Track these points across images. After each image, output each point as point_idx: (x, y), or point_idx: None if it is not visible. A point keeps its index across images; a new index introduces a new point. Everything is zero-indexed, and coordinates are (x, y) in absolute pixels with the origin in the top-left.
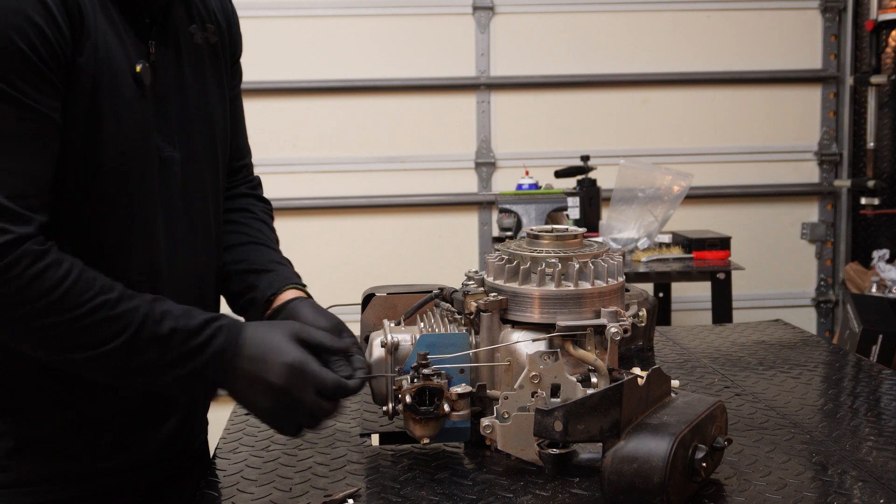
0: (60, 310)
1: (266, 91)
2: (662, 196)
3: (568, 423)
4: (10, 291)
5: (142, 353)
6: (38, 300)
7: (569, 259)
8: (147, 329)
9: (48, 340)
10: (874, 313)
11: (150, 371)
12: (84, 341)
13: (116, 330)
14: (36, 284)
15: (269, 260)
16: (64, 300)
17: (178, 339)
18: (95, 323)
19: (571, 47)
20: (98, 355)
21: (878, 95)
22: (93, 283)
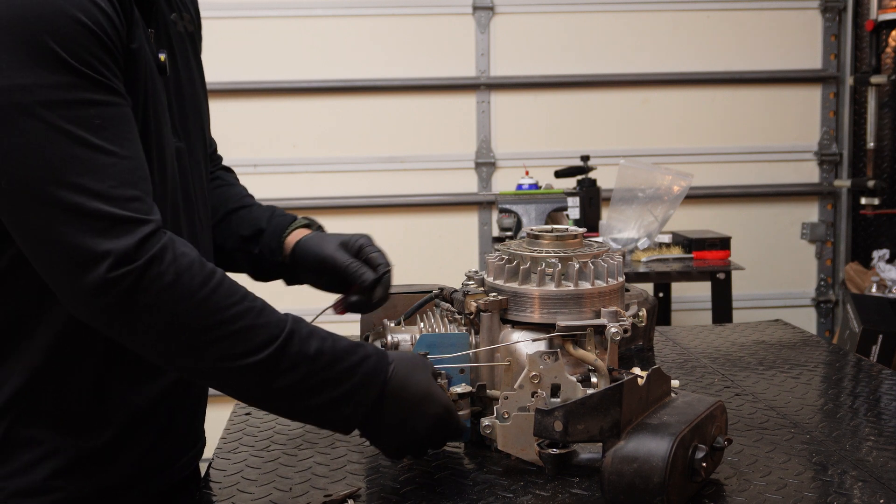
0: (205, 312)
1: (266, 91)
2: (662, 196)
3: (568, 423)
4: (156, 289)
5: (282, 374)
6: (183, 300)
7: (569, 259)
8: (293, 345)
9: (184, 347)
10: (874, 313)
11: (288, 395)
12: (224, 351)
13: (264, 340)
14: (182, 282)
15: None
16: (209, 301)
17: (325, 361)
18: (243, 329)
19: (571, 47)
20: (236, 370)
21: (878, 95)
22: (237, 287)
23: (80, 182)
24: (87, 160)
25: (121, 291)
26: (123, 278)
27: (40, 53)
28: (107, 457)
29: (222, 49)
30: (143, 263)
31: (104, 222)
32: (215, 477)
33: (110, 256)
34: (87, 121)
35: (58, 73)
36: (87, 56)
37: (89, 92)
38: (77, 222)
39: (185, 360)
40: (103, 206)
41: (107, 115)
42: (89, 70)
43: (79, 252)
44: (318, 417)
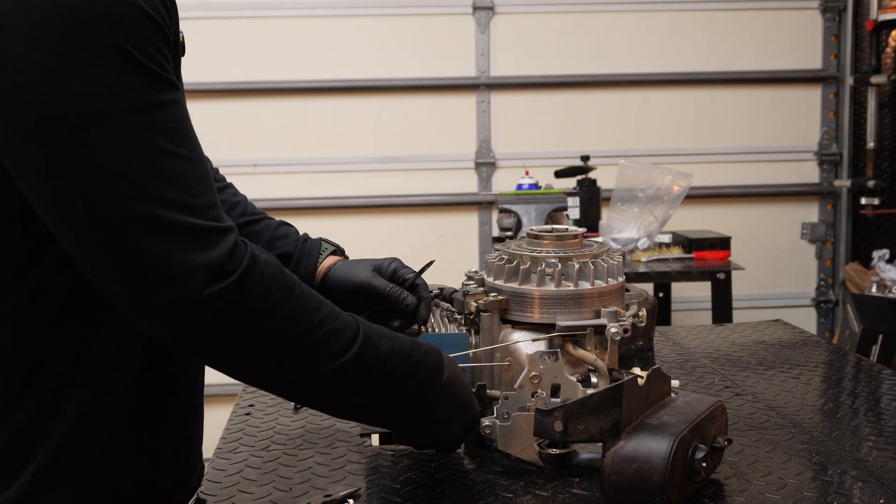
0: (296, 319)
1: (266, 91)
2: (662, 196)
3: (568, 423)
4: (251, 303)
5: (368, 371)
6: (279, 309)
7: (569, 259)
8: (370, 344)
9: (282, 358)
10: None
11: (368, 391)
12: (318, 355)
13: (346, 342)
14: (274, 291)
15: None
16: (297, 309)
17: (396, 360)
18: (329, 334)
19: (571, 47)
20: (332, 371)
21: (878, 95)
22: (313, 292)
23: (163, 195)
24: (167, 170)
25: (218, 308)
26: (221, 294)
27: (109, 52)
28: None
29: (223, 49)
30: (238, 276)
31: (190, 235)
32: (215, 477)
33: (204, 271)
34: (162, 125)
35: (129, 74)
36: (153, 51)
37: (160, 92)
38: (165, 238)
39: (275, 372)
40: (188, 219)
41: (176, 116)
42: (157, 67)
43: (170, 269)
44: (382, 413)
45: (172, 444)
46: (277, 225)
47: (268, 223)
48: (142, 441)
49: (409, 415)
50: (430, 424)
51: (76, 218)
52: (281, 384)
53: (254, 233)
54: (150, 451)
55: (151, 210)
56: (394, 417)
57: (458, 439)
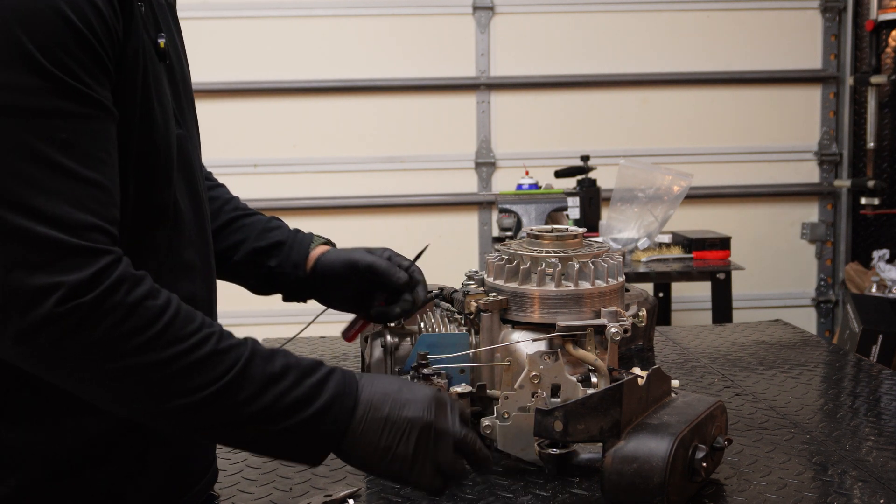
0: (162, 345)
1: (266, 91)
2: (662, 196)
3: (568, 423)
4: (108, 325)
5: (253, 397)
6: (138, 334)
7: (569, 259)
8: (257, 365)
9: (144, 386)
10: (874, 313)
11: (259, 421)
12: (186, 384)
13: (223, 368)
14: (137, 314)
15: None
16: (166, 333)
17: (293, 377)
18: (200, 360)
19: (571, 47)
20: (201, 401)
21: (878, 95)
22: (194, 315)
23: (33, 204)
24: (44, 179)
25: (67, 328)
26: (71, 313)
27: (8, 49)
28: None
29: (223, 49)
30: (95, 297)
31: (55, 252)
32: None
33: (60, 290)
34: (52, 134)
35: (25, 74)
36: (65, 57)
37: (60, 99)
38: (24, 250)
39: (143, 402)
40: (56, 233)
41: (76, 129)
42: (65, 75)
43: (23, 285)
44: (293, 443)
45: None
46: (269, 219)
47: (259, 217)
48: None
49: (330, 437)
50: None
51: None
52: (156, 415)
53: (245, 225)
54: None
55: (16, 218)
56: (312, 442)
57: (413, 458)
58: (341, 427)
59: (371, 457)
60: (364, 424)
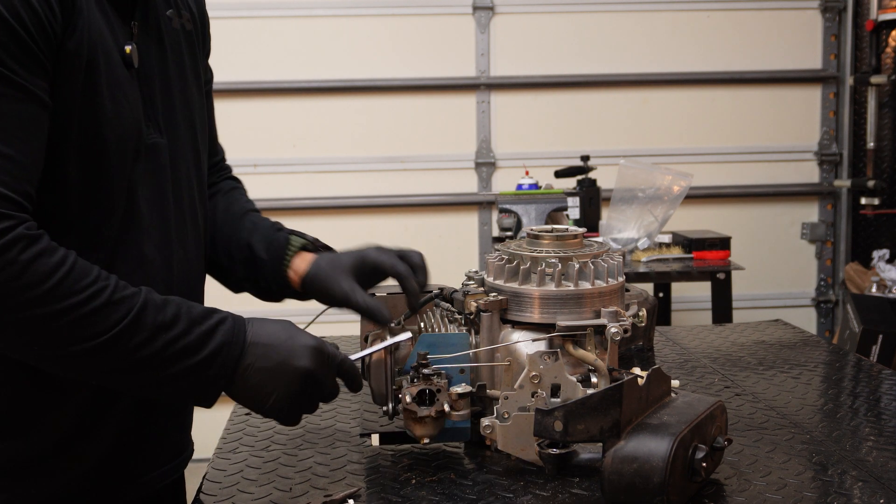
0: (58, 297)
1: (266, 91)
2: (662, 196)
3: (568, 423)
4: (3, 279)
5: (144, 343)
6: (34, 287)
7: (569, 259)
8: (149, 315)
9: (43, 334)
10: (874, 313)
11: (151, 366)
12: (81, 332)
13: (116, 318)
14: (32, 270)
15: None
16: (61, 286)
17: (183, 326)
18: (94, 310)
19: (571, 47)
20: (96, 347)
21: (878, 95)
22: (89, 270)
23: None
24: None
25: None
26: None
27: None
28: (53, 464)
29: (223, 49)
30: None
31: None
32: (215, 477)
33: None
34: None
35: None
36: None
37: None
38: None
39: (44, 350)
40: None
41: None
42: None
43: None
44: (184, 387)
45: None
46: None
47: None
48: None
49: (217, 380)
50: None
51: None
52: (56, 361)
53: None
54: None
55: None
56: (201, 385)
57: (291, 401)
58: (228, 372)
59: (253, 399)
60: (250, 370)
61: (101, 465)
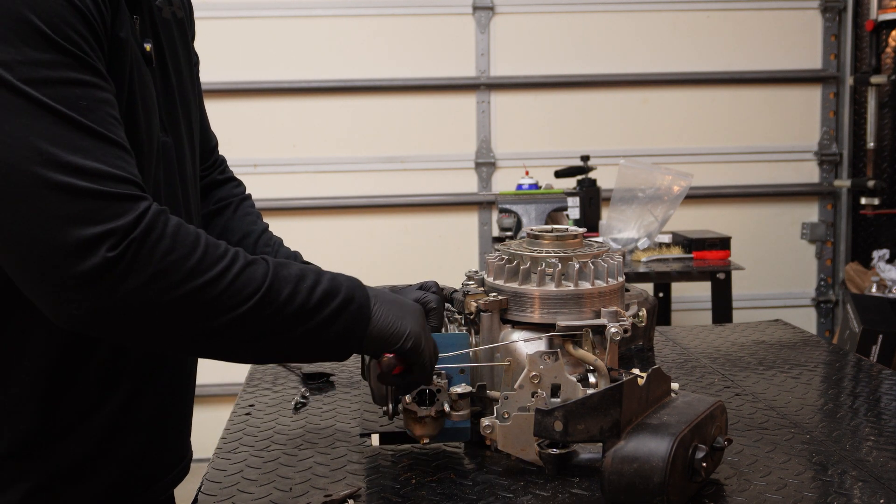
0: (208, 264)
1: (266, 91)
2: (662, 196)
3: (568, 423)
4: (160, 255)
5: (290, 297)
6: (187, 259)
7: (569, 259)
8: (281, 270)
9: (202, 307)
10: (874, 313)
11: (300, 319)
12: (235, 297)
13: (259, 276)
14: (181, 242)
15: None
16: (207, 254)
17: (312, 276)
18: (240, 272)
19: (571, 47)
20: (249, 311)
21: (878, 95)
22: (217, 241)
23: (70, 161)
24: (75, 140)
25: (123, 270)
26: (125, 254)
27: (22, 28)
28: (79, 475)
29: (222, 49)
30: (141, 233)
31: (100, 202)
32: (215, 477)
33: (112, 236)
34: (74, 101)
35: (42, 49)
36: (72, 34)
37: (75, 71)
38: (70, 203)
39: (197, 324)
40: (97, 186)
41: (93, 97)
42: (75, 48)
43: (75, 238)
44: (332, 334)
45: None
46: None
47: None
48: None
49: (359, 320)
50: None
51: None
52: (200, 337)
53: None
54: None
55: (58, 175)
56: (348, 327)
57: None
58: (365, 312)
59: (393, 335)
60: (381, 308)
61: (120, 478)
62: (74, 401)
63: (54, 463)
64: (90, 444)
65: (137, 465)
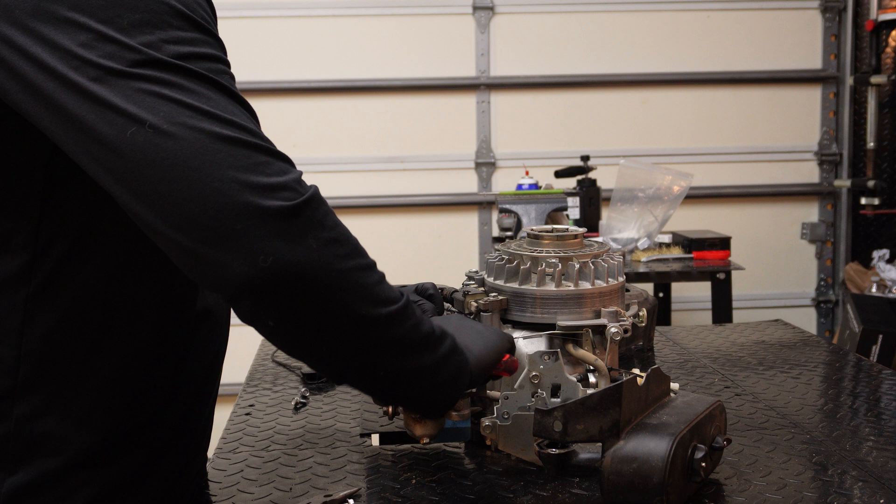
0: (358, 250)
1: (266, 91)
2: (662, 196)
3: (567, 423)
4: (329, 221)
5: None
6: (349, 236)
7: (569, 259)
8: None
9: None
10: (874, 313)
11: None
12: (381, 295)
13: (396, 291)
14: (333, 222)
15: None
16: (352, 239)
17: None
18: (380, 279)
19: (571, 47)
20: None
21: (878, 95)
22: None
23: (233, 119)
24: (234, 109)
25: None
26: (304, 206)
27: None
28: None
29: None
30: (310, 195)
31: (268, 157)
32: (215, 477)
33: (286, 189)
34: (222, 73)
35: (182, 29)
36: (203, 14)
37: (212, 48)
38: (243, 156)
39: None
40: (261, 142)
41: (226, 73)
42: (210, 27)
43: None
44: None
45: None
46: None
47: None
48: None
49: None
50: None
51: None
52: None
53: None
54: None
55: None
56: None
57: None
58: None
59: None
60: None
61: (170, 485)
62: (141, 411)
63: (117, 472)
64: (151, 453)
65: (187, 470)
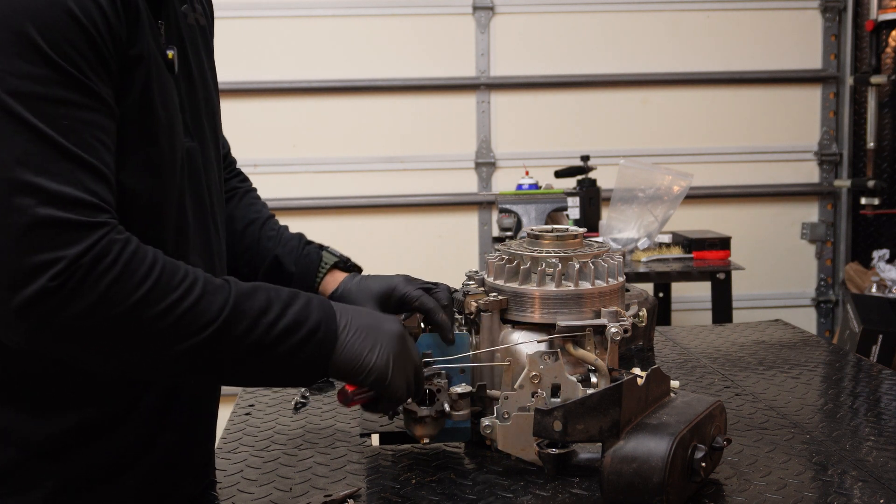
0: (161, 294)
1: (266, 91)
2: (662, 196)
3: (567, 423)
4: (105, 285)
5: (248, 331)
6: (138, 289)
7: (569, 259)
8: (244, 302)
9: (153, 336)
10: (874, 313)
11: (257, 352)
12: (188, 327)
13: (216, 308)
14: (132, 271)
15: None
16: (159, 284)
17: (278, 308)
18: (195, 302)
19: (571, 47)
20: (203, 342)
21: (878, 95)
22: (177, 265)
23: (36, 183)
24: (47, 161)
25: (65, 297)
26: (65, 284)
27: (18, 40)
28: (109, 476)
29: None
30: (90, 260)
31: (54, 229)
32: (215, 477)
33: (59, 263)
34: (56, 119)
35: (34, 63)
36: (71, 52)
37: (65, 90)
38: (25, 228)
39: (154, 353)
40: (54, 212)
41: (78, 118)
42: (71, 67)
43: (26, 263)
44: (289, 367)
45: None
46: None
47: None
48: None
49: (323, 350)
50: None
51: None
52: (160, 364)
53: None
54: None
55: (18, 197)
56: (311, 360)
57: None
58: (328, 347)
59: (356, 364)
60: (349, 337)
61: (147, 481)
62: (108, 404)
63: (83, 464)
64: (122, 446)
65: (167, 468)
